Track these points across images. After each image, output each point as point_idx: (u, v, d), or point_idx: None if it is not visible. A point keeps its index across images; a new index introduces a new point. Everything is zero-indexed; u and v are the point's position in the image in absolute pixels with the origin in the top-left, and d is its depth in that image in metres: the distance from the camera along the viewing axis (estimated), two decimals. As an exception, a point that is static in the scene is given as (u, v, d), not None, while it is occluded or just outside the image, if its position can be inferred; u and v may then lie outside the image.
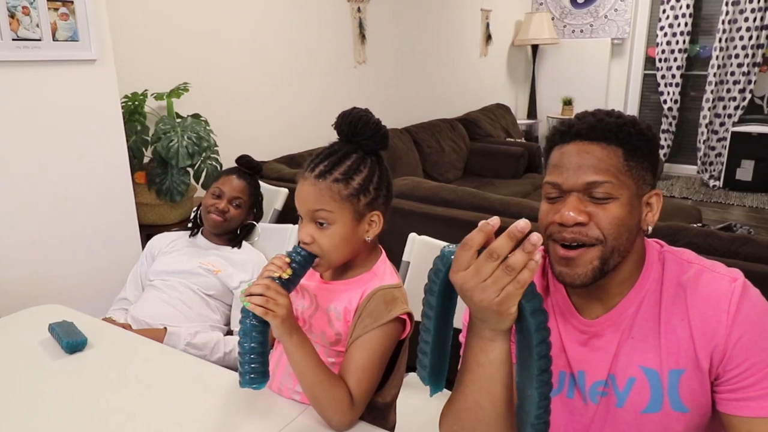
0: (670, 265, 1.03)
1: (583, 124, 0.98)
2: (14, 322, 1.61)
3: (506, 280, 0.76)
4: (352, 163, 1.16)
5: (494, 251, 0.77)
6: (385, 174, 1.22)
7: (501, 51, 6.73)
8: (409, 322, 1.21)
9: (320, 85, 4.13)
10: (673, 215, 3.58)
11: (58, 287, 2.24)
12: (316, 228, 1.16)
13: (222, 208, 2.02)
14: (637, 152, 0.97)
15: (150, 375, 1.35)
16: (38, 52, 2.06)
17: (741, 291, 0.94)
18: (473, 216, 2.38)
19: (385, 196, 1.22)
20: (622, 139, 0.96)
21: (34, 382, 1.31)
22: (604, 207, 0.94)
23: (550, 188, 0.99)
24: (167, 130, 2.65)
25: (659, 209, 1.03)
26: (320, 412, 1.13)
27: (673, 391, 0.98)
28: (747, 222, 5.21)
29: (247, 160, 2.13)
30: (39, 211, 2.16)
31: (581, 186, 0.95)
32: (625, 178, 0.96)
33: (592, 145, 0.96)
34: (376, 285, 1.20)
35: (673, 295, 0.99)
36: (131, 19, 2.83)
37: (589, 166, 0.95)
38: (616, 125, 0.96)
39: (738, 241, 1.88)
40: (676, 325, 0.98)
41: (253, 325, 1.05)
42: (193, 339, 1.79)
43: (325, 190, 1.14)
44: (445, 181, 4.54)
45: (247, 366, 1.04)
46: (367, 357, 1.15)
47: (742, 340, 0.93)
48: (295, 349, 1.09)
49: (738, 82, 6.20)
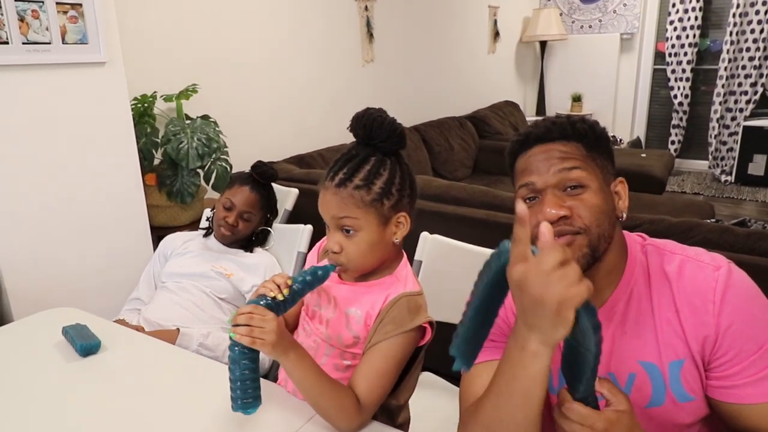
0: (654, 257, 1.04)
1: (539, 129, 1.03)
2: (28, 325, 1.62)
3: (573, 279, 0.74)
4: (371, 167, 1.15)
5: (566, 247, 0.77)
6: (406, 173, 1.20)
7: (509, 48, 6.71)
8: (429, 330, 1.19)
9: (329, 84, 4.13)
10: (685, 211, 3.55)
11: (70, 290, 2.25)
12: (343, 236, 1.15)
13: (232, 222, 2.02)
14: (595, 144, 1.02)
15: (163, 377, 1.35)
16: (48, 56, 2.06)
17: (725, 279, 0.96)
18: (484, 214, 2.37)
19: (410, 195, 1.20)
20: (578, 135, 1.01)
21: (49, 385, 1.31)
22: (580, 198, 0.97)
23: (525, 190, 1.01)
24: (177, 131, 2.65)
25: (627, 196, 1.06)
26: (328, 420, 1.12)
27: (676, 382, 0.99)
28: (760, 217, 5.16)
29: (262, 170, 2.10)
30: (50, 214, 2.16)
31: (555, 180, 0.98)
32: (591, 167, 1.00)
33: (554, 144, 1.01)
34: (400, 290, 1.19)
35: (661, 287, 1.01)
36: (140, 21, 2.83)
37: (556, 158, 0.99)
38: (569, 123, 1.02)
39: (754, 236, 1.86)
40: (670, 317, 0.99)
41: (242, 353, 1.03)
42: (206, 340, 1.79)
43: (348, 198, 1.13)
44: (454, 179, 4.52)
45: (240, 392, 1.03)
46: (384, 363, 1.15)
47: (730, 328, 0.94)
48: (293, 367, 1.08)
49: (749, 76, 6.14)
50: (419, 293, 1.21)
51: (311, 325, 1.29)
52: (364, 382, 1.13)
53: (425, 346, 1.22)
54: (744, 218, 3.42)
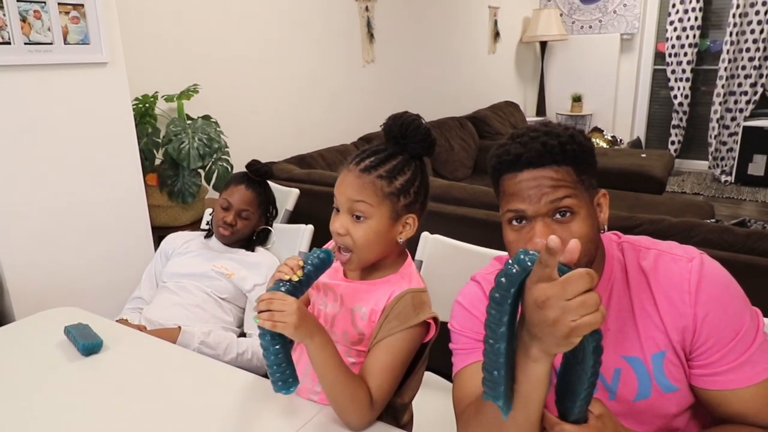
0: (629, 253, 1.07)
1: (530, 152, 0.98)
2: (30, 325, 1.62)
3: (591, 308, 0.74)
4: (397, 163, 1.18)
5: (593, 274, 0.75)
6: (425, 180, 1.24)
7: (509, 48, 6.71)
8: (434, 326, 1.21)
9: (329, 84, 4.13)
10: (685, 211, 3.56)
11: (71, 290, 2.25)
12: (351, 220, 1.18)
13: (230, 221, 2.03)
14: (584, 164, 1.00)
15: (165, 376, 1.36)
16: (50, 56, 2.07)
17: (699, 270, 0.99)
18: (484, 214, 2.38)
19: (422, 202, 1.24)
20: (570, 158, 0.98)
21: (51, 384, 1.32)
22: (568, 226, 0.96)
23: (513, 215, 1.00)
24: (178, 131, 2.65)
25: (608, 205, 1.07)
26: (339, 412, 1.13)
27: (659, 373, 1.02)
28: (760, 217, 5.17)
29: (256, 167, 2.13)
30: (51, 214, 2.17)
31: (546, 209, 0.96)
32: (580, 192, 0.98)
33: (546, 170, 0.97)
34: (404, 287, 1.21)
35: (638, 282, 1.03)
36: (141, 22, 2.84)
37: (548, 187, 0.96)
38: (559, 146, 0.97)
39: (754, 236, 1.86)
40: (649, 310, 1.02)
41: (272, 340, 1.06)
42: (207, 338, 1.80)
43: (369, 184, 1.16)
44: (454, 180, 4.53)
45: (278, 375, 1.06)
46: (391, 359, 1.16)
47: (707, 317, 0.97)
48: (317, 351, 1.09)
49: (749, 77, 6.15)
50: (423, 290, 1.23)
51: None
52: (372, 379, 1.14)
53: (430, 343, 1.24)
54: (744, 218, 3.42)
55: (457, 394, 1.09)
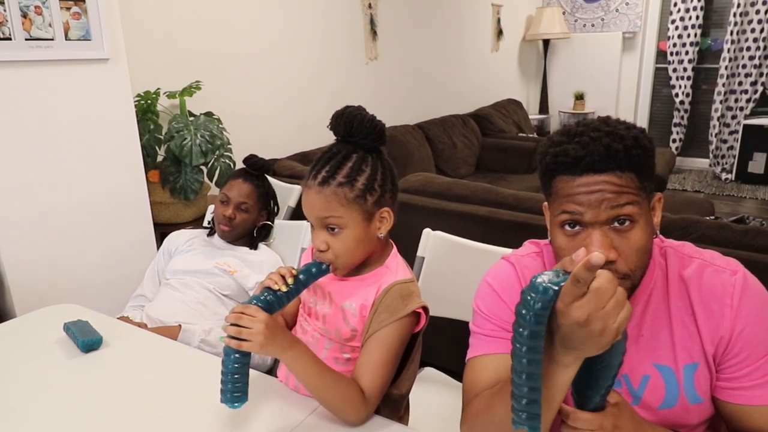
0: (672, 260, 1.04)
1: (592, 155, 0.90)
2: (30, 321, 1.62)
3: (622, 303, 0.74)
4: (353, 164, 1.15)
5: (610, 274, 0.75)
6: (388, 169, 1.21)
7: (512, 46, 6.71)
8: (424, 315, 1.21)
9: (332, 82, 4.13)
10: (686, 208, 3.55)
11: (73, 287, 2.25)
12: (328, 234, 1.16)
13: (229, 215, 2.01)
14: (647, 170, 0.94)
15: (165, 373, 1.36)
16: (51, 52, 2.06)
17: (742, 284, 0.98)
18: (486, 211, 2.37)
19: (392, 190, 1.21)
20: (633, 164, 0.91)
21: (50, 381, 1.31)
22: (627, 237, 0.91)
23: (568, 217, 0.93)
24: (180, 128, 2.65)
25: (661, 209, 1.02)
26: (334, 412, 1.13)
27: (689, 385, 1.00)
28: (759, 215, 5.17)
29: (253, 161, 2.12)
30: (53, 210, 2.17)
31: (605, 216, 0.91)
32: (641, 200, 0.93)
33: (608, 176, 0.91)
34: (391, 280, 1.20)
35: (678, 291, 1.01)
36: (143, 18, 2.84)
37: (610, 193, 0.90)
38: (624, 151, 0.90)
39: (751, 233, 1.88)
40: (686, 320, 1.00)
41: (233, 348, 1.04)
42: (208, 336, 1.79)
43: (331, 196, 1.13)
44: (457, 177, 4.52)
45: (229, 385, 1.04)
46: (384, 352, 1.16)
47: (744, 332, 0.96)
48: (293, 363, 1.09)
49: (750, 75, 6.15)
50: (411, 280, 1.22)
51: (309, 322, 1.31)
52: (366, 373, 1.14)
53: (421, 332, 1.24)
54: (742, 215, 3.43)
55: (469, 379, 1.08)
